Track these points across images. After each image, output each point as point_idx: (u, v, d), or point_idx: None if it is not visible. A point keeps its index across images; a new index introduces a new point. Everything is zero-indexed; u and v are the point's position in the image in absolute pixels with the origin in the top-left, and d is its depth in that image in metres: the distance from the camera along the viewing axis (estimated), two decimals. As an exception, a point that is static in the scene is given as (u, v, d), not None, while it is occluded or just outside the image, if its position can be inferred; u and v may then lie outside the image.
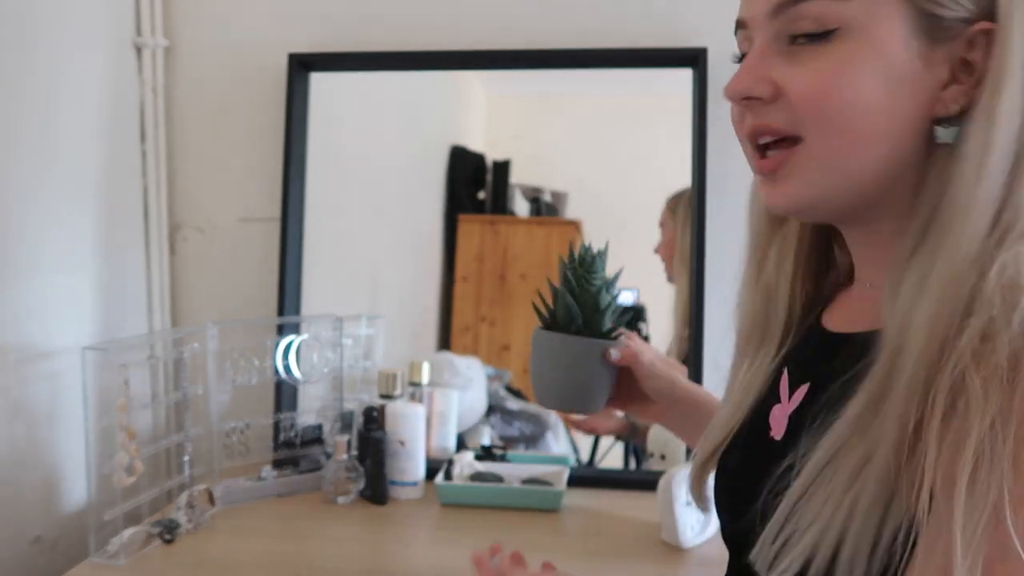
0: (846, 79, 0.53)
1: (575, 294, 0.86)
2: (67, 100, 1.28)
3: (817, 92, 0.54)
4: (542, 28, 1.43)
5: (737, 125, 0.61)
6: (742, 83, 0.57)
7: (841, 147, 0.54)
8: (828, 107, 0.53)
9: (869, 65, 0.53)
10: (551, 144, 1.63)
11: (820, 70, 0.54)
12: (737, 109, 0.60)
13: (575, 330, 0.86)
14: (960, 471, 0.43)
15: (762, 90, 0.56)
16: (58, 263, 1.25)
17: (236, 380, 1.31)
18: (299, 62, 1.47)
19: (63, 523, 1.24)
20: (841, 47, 0.53)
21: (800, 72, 0.54)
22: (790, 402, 0.64)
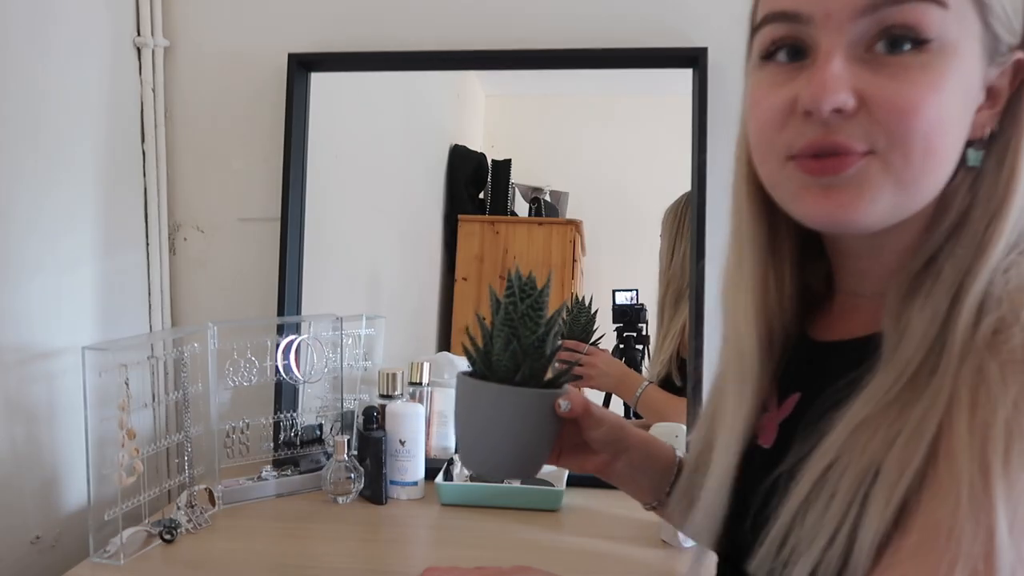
0: (938, 96, 0.49)
1: (519, 336, 0.71)
2: (67, 100, 1.28)
3: (910, 108, 0.49)
4: (542, 28, 1.43)
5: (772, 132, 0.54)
6: (835, 92, 0.49)
7: (924, 167, 0.51)
8: (919, 124, 0.49)
9: (956, 83, 0.50)
10: (551, 144, 1.63)
11: (915, 83, 0.49)
12: (781, 116, 0.53)
13: (519, 380, 0.71)
14: (993, 453, 0.44)
15: (850, 102, 0.50)
16: (58, 263, 1.25)
17: (236, 380, 1.31)
18: (299, 62, 1.47)
19: (63, 523, 1.24)
20: (935, 60, 0.49)
21: (891, 84, 0.49)
22: (780, 410, 0.64)
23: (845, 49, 0.50)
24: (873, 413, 0.51)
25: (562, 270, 1.57)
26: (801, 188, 0.54)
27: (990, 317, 0.48)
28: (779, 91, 0.54)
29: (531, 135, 1.64)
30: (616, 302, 1.50)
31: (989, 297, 0.49)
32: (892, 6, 0.49)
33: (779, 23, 0.53)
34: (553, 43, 1.41)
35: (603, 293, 1.52)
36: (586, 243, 1.59)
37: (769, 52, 0.55)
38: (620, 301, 1.50)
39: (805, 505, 0.52)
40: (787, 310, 0.65)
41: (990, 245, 0.51)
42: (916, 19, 0.49)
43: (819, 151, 0.51)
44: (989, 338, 0.47)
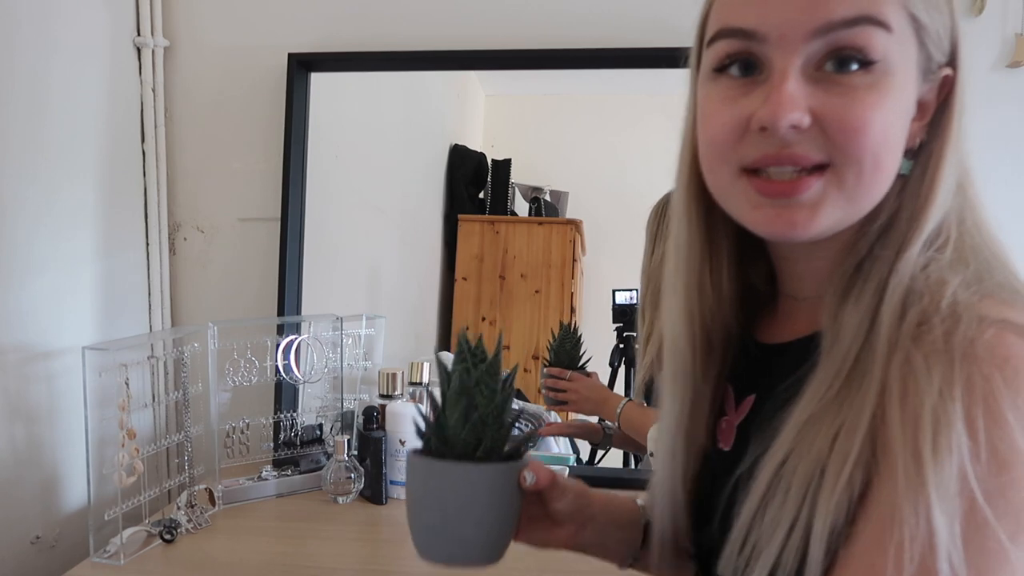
0: (884, 114, 0.52)
1: (477, 406, 0.65)
2: (67, 100, 1.28)
3: (861, 126, 0.52)
4: (542, 28, 1.43)
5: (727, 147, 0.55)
6: (791, 111, 0.51)
7: (871, 182, 0.54)
8: (868, 141, 0.52)
9: (898, 101, 0.53)
10: (551, 144, 1.64)
11: (863, 102, 0.52)
12: (736, 131, 0.55)
13: (482, 454, 0.65)
14: (923, 441, 0.46)
15: (805, 120, 0.52)
16: (58, 263, 1.25)
17: (236, 380, 1.31)
18: (299, 62, 1.47)
19: (63, 523, 1.24)
20: (880, 80, 0.52)
21: (842, 103, 0.52)
22: (737, 413, 0.66)
23: (799, 68, 0.52)
24: (817, 410, 0.53)
25: (562, 270, 1.57)
26: (753, 206, 0.56)
27: (913, 310, 0.51)
28: (733, 106, 0.55)
29: (531, 135, 1.64)
30: (616, 302, 1.51)
31: (911, 292, 0.52)
32: (843, 29, 0.51)
33: (733, 39, 0.55)
34: (553, 43, 1.41)
35: (603, 293, 1.52)
36: (586, 243, 1.59)
37: (722, 66, 0.56)
38: (620, 301, 1.50)
39: (763, 503, 0.53)
40: (727, 312, 0.67)
41: (911, 244, 0.54)
42: (864, 41, 0.51)
43: (775, 162, 0.53)
44: (914, 330, 0.50)
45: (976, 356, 0.47)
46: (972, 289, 0.51)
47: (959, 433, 0.46)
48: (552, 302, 1.57)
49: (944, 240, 0.55)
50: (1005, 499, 0.45)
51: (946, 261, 0.54)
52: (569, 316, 1.56)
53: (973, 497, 0.45)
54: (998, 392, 0.46)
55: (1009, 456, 0.45)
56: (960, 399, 0.46)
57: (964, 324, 0.48)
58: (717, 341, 0.67)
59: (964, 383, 0.47)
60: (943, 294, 0.50)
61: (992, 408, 0.46)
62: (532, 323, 1.57)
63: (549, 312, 1.57)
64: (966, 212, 0.57)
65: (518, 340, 1.57)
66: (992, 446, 0.45)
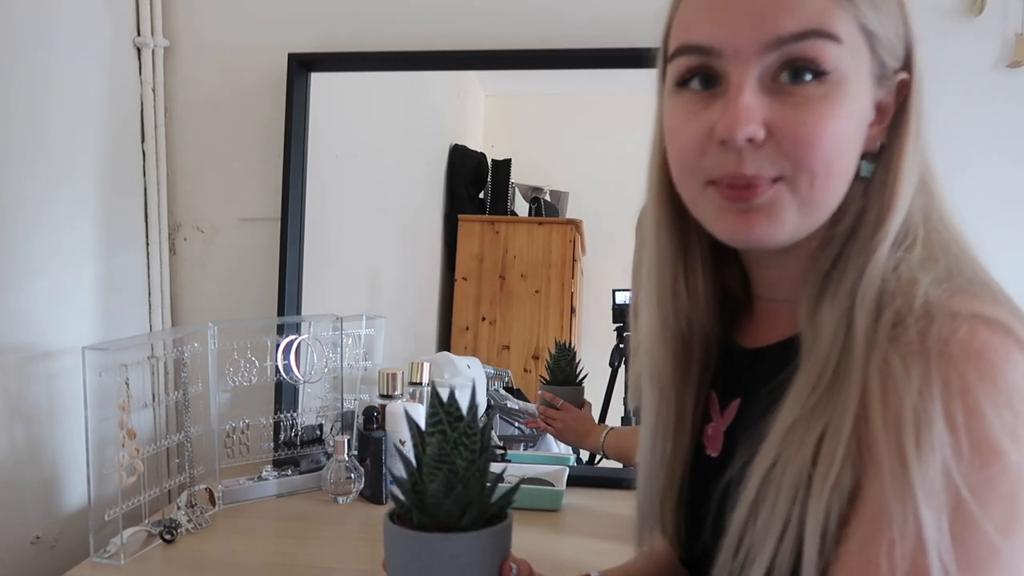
0: (836, 123, 0.54)
1: (457, 472, 0.60)
2: (67, 100, 1.28)
3: (813, 137, 0.53)
4: (542, 28, 1.43)
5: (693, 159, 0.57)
6: (747, 124, 0.53)
7: (825, 188, 0.55)
8: (820, 152, 0.53)
9: (851, 109, 0.55)
10: (551, 144, 1.63)
11: (816, 113, 0.53)
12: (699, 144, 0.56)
13: (467, 523, 0.62)
14: (906, 441, 0.47)
15: (760, 133, 0.53)
16: (58, 263, 1.25)
17: (236, 380, 1.31)
18: (299, 62, 1.47)
19: (63, 523, 1.24)
20: (832, 90, 0.53)
21: (794, 114, 0.53)
22: (723, 418, 0.67)
23: (755, 80, 0.54)
24: (802, 414, 0.54)
25: (562, 270, 1.57)
26: (720, 211, 0.57)
27: (888, 311, 0.52)
28: (696, 119, 0.57)
29: (531, 135, 1.64)
30: (616, 302, 1.50)
31: (884, 293, 0.53)
32: (795, 43, 0.53)
33: (692, 55, 0.56)
34: (553, 43, 1.41)
35: (603, 293, 1.52)
36: (586, 243, 1.59)
37: (684, 79, 0.58)
38: (620, 301, 1.50)
39: (755, 507, 0.54)
40: (704, 316, 0.68)
41: (879, 244, 0.55)
42: (815, 53, 0.53)
43: (734, 182, 0.55)
44: (889, 331, 0.51)
45: (951, 354, 0.48)
46: (943, 286, 0.52)
47: (940, 431, 0.47)
48: (552, 302, 1.57)
49: (912, 239, 0.56)
50: (990, 492, 0.46)
51: (916, 260, 0.55)
52: (569, 316, 1.56)
53: (958, 492, 0.46)
54: (974, 387, 0.47)
55: (990, 450, 0.46)
56: (939, 397, 0.47)
57: (937, 323, 0.49)
58: (696, 346, 0.68)
59: (941, 381, 0.48)
60: (915, 293, 0.52)
61: (970, 403, 0.47)
62: (532, 323, 1.57)
63: (549, 312, 1.57)
64: (932, 209, 0.58)
65: (518, 340, 1.57)
66: (973, 441, 0.46)
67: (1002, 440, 0.46)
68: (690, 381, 0.69)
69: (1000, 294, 0.54)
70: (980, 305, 0.50)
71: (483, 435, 0.62)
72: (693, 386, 0.69)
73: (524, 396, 1.55)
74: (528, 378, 1.55)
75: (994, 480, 0.46)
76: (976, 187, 1.34)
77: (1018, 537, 0.46)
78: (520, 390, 1.55)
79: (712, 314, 0.68)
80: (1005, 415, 0.46)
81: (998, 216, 1.34)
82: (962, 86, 1.34)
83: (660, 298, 0.67)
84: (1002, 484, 0.46)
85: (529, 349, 1.57)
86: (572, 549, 1.13)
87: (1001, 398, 0.47)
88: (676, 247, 0.66)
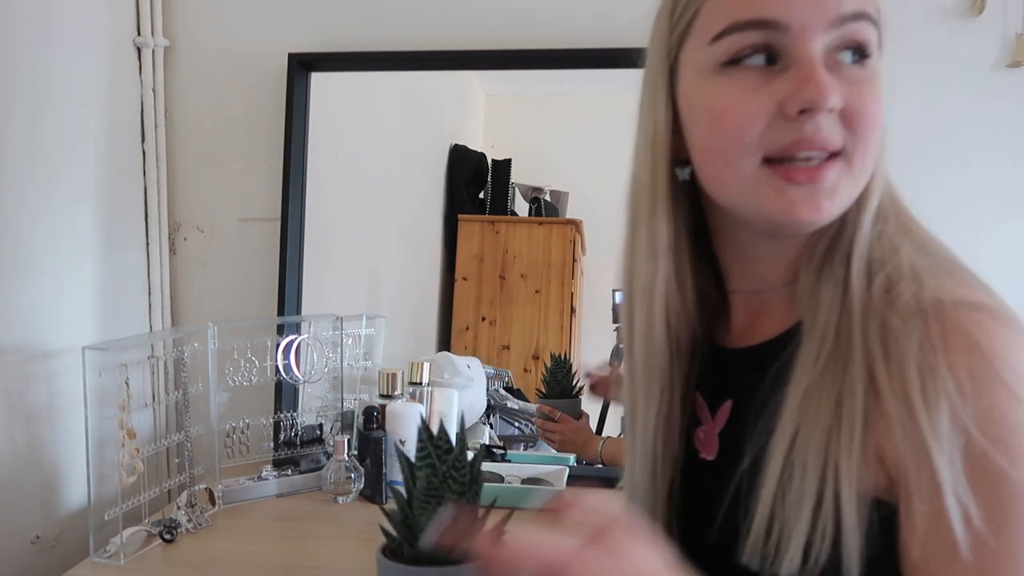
0: (881, 100, 0.56)
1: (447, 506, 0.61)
2: (67, 100, 1.28)
3: (873, 115, 0.55)
4: (542, 28, 1.43)
5: (755, 134, 0.55)
6: (832, 93, 0.53)
7: (869, 165, 0.57)
8: (876, 126, 0.55)
9: (883, 87, 0.56)
10: (551, 144, 1.63)
11: (871, 92, 0.55)
12: (765, 118, 0.55)
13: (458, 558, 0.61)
14: (912, 392, 0.50)
15: (840, 103, 0.54)
16: (58, 263, 1.25)
17: (236, 380, 1.31)
18: (299, 62, 1.47)
19: (63, 523, 1.24)
20: (874, 74, 0.56)
21: (856, 91, 0.54)
22: (715, 421, 0.66)
23: (822, 54, 0.54)
24: (813, 382, 0.55)
25: (562, 270, 1.57)
26: (778, 192, 0.56)
27: (879, 277, 0.55)
28: (758, 94, 0.55)
29: (531, 135, 1.64)
30: (616, 302, 1.50)
31: (872, 260, 0.57)
32: (852, 22, 0.54)
33: (753, 31, 0.55)
34: (553, 43, 1.41)
35: (603, 293, 1.52)
36: (586, 243, 1.59)
37: (738, 57, 0.56)
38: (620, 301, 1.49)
39: (781, 485, 0.54)
40: (691, 314, 0.67)
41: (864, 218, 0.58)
42: (865, 35, 0.55)
43: (808, 146, 0.54)
44: (883, 296, 0.54)
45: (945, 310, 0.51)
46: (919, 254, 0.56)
47: (943, 377, 0.49)
48: (552, 302, 1.57)
49: (885, 215, 0.59)
50: (997, 426, 0.48)
51: (893, 231, 0.58)
52: (569, 316, 1.56)
53: (967, 431, 0.48)
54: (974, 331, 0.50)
55: (992, 387, 0.48)
56: (939, 347, 0.50)
57: (927, 285, 0.53)
58: (683, 345, 0.67)
59: (940, 332, 0.50)
60: (901, 260, 0.55)
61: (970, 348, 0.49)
62: (532, 323, 1.57)
63: (549, 312, 1.57)
64: (894, 193, 0.61)
65: (518, 340, 1.57)
66: (976, 381, 0.48)
67: (1005, 378, 0.48)
68: (679, 379, 0.68)
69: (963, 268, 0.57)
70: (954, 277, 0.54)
71: (472, 467, 0.62)
72: (680, 386, 0.68)
73: (524, 396, 1.55)
74: (528, 378, 1.55)
75: (999, 414, 0.48)
76: (976, 187, 1.35)
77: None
78: (520, 390, 1.55)
79: (698, 313, 0.68)
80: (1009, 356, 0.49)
81: (998, 216, 1.34)
82: (962, 86, 1.34)
83: (656, 297, 0.65)
84: (1007, 416, 0.48)
85: (529, 349, 1.56)
86: (572, 549, 1.13)
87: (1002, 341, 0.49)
88: (673, 241, 0.65)
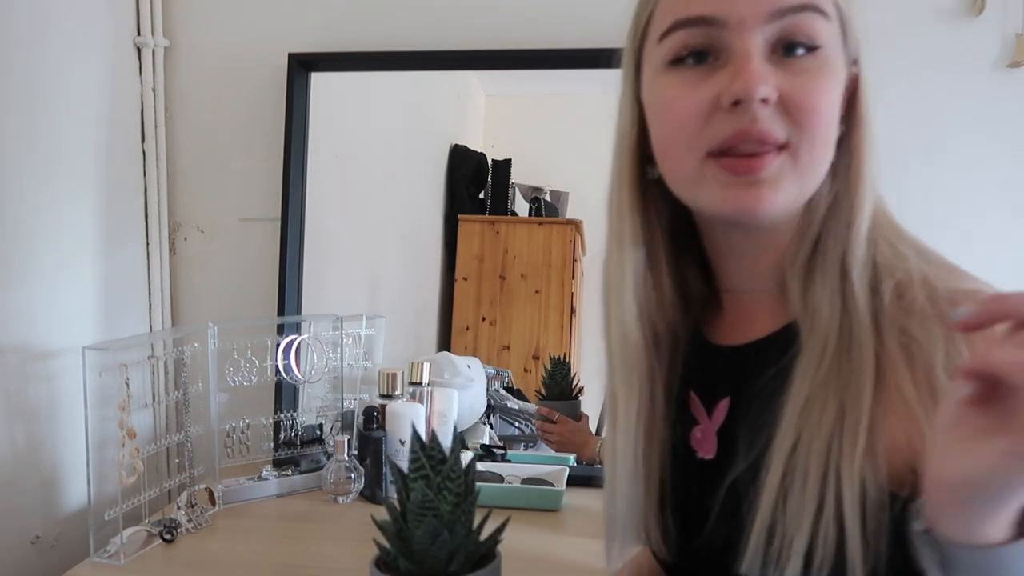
0: (829, 96, 0.56)
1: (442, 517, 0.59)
2: (68, 100, 1.28)
3: (814, 104, 0.55)
4: (542, 28, 1.43)
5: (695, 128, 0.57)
6: (763, 83, 0.54)
7: (819, 158, 0.57)
8: (820, 119, 0.56)
9: (836, 84, 0.57)
10: (551, 144, 1.63)
11: (815, 83, 0.55)
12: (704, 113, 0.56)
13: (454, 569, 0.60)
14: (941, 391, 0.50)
15: (774, 94, 0.55)
16: (58, 263, 1.25)
17: (236, 380, 1.31)
18: (299, 62, 1.47)
19: (63, 523, 1.24)
20: (824, 65, 0.56)
21: (799, 82, 0.55)
22: (712, 420, 0.66)
23: (759, 49, 0.55)
24: (814, 390, 0.55)
25: (562, 270, 1.57)
26: (723, 186, 0.57)
27: (887, 283, 0.55)
28: (697, 89, 0.57)
29: (531, 135, 1.64)
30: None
31: (878, 266, 0.57)
32: (793, 14, 0.55)
33: (693, 28, 0.56)
34: (553, 43, 1.41)
35: (603, 293, 1.52)
36: (586, 243, 1.59)
37: (679, 57, 0.58)
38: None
39: (781, 493, 0.54)
40: (670, 311, 0.68)
41: (859, 224, 0.58)
42: (809, 27, 0.55)
43: (746, 137, 0.55)
44: (896, 303, 0.54)
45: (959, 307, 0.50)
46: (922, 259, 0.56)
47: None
48: (552, 302, 1.57)
49: (879, 221, 0.59)
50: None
51: (892, 237, 0.58)
52: (569, 316, 1.56)
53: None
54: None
55: None
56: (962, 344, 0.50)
57: (940, 289, 0.53)
58: (664, 341, 0.68)
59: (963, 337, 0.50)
60: (909, 267, 0.55)
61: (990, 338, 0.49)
62: (532, 323, 1.57)
63: (549, 312, 1.57)
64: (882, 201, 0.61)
65: (518, 340, 1.57)
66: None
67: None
68: (658, 376, 0.68)
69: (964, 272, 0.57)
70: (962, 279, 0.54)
71: (467, 476, 0.60)
72: (663, 384, 0.68)
73: (524, 396, 1.54)
74: (528, 378, 1.55)
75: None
76: (976, 187, 1.35)
77: None
78: (520, 390, 1.55)
79: (677, 309, 0.68)
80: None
81: (998, 216, 1.34)
82: (962, 86, 1.34)
83: (626, 290, 0.66)
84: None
85: (529, 349, 1.56)
86: (572, 549, 1.13)
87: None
88: (639, 237, 0.65)
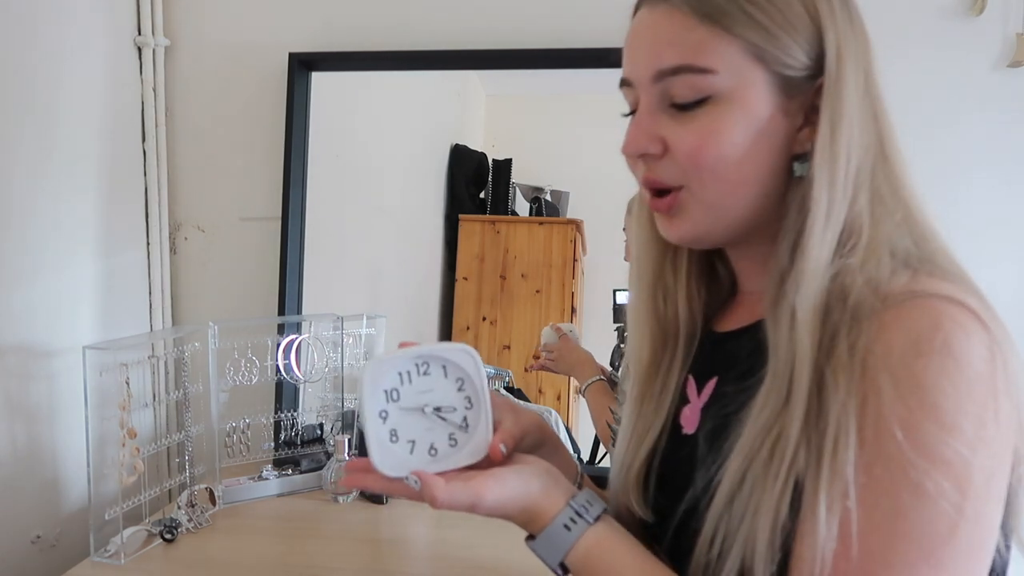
0: (720, 137, 0.61)
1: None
2: (68, 100, 1.28)
3: (696, 149, 0.61)
4: (542, 28, 1.43)
5: (632, 170, 0.68)
6: (637, 143, 0.64)
7: (719, 192, 0.63)
8: (706, 161, 0.61)
9: (738, 123, 0.61)
10: (551, 144, 1.63)
11: (698, 130, 0.61)
12: (631, 160, 0.67)
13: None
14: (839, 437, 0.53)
15: (654, 147, 0.63)
16: (58, 263, 1.25)
17: (236, 380, 1.31)
18: (299, 62, 1.47)
19: (63, 523, 1.24)
20: (714, 110, 0.61)
21: (683, 132, 0.62)
22: (699, 398, 0.71)
23: (654, 105, 0.63)
24: (762, 423, 0.58)
25: (562, 270, 1.57)
26: (657, 217, 0.69)
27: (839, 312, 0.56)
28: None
29: (531, 135, 1.64)
30: (616, 302, 1.51)
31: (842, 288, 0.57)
32: (671, 76, 0.61)
33: (623, 87, 0.67)
34: (553, 43, 1.41)
35: (603, 293, 1.52)
36: (586, 243, 1.59)
37: (629, 111, 0.68)
38: (620, 301, 1.50)
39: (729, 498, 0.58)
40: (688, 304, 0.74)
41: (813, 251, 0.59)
42: (689, 85, 0.61)
43: (646, 185, 0.66)
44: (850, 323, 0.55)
45: (884, 355, 0.53)
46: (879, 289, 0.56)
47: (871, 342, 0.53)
48: (552, 302, 1.57)
49: (856, 240, 0.59)
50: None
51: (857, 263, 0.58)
52: (570, 316, 1.56)
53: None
54: (914, 314, 0.53)
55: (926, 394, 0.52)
56: (876, 329, 0.53)
57: (868, 328, 0.54)
58: (682, 334, 0.74)
59: (879, 323, 0.53)
60: (850, 302, 0.56)
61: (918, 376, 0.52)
62: (532, 323, 1.57)
63: (550, 312, 1.57)
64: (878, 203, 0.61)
65: (519, 340, 1.57)
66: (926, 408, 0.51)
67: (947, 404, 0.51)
68: (672, 367, 0.74)
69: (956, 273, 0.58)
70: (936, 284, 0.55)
71: None
72: (676, 372, 0.74)
73: (525, 396, 1.54)
74: (529, 378, 1.55)
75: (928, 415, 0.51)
76: (976, 187, 1.34)
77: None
78: (521, 390, 1.55)
79: (699, 304, 0.75)
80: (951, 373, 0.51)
81: (999, 216, 1.34)
82: (962, 86, 1.34)
83: (648, 284, 0.74)
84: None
85: (530, 349, 1.56)
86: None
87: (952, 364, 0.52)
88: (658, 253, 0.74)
